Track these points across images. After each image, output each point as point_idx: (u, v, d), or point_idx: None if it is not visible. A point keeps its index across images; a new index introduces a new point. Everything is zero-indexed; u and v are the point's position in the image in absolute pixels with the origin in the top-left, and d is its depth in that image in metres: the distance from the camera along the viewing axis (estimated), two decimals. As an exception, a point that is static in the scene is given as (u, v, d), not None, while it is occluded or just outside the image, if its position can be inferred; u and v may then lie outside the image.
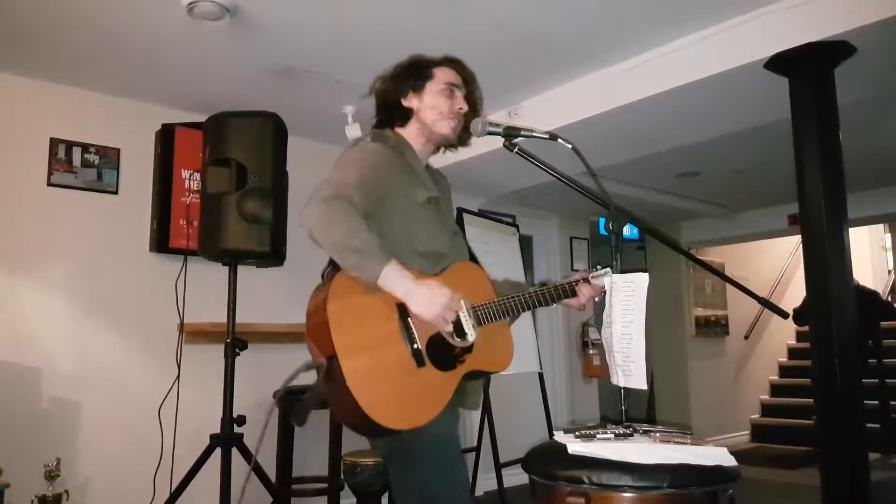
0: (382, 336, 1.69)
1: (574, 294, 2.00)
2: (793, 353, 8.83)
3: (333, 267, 1.81)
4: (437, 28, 3.11)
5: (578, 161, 1.79)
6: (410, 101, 2.02)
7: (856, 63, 2.92)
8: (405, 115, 2.03)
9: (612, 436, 1.58)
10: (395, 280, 1.66)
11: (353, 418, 1.64)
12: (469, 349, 1.80)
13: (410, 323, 1.71)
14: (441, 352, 1.74)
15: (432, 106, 2.01)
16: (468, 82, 2.10)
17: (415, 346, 1.70)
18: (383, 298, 1.68)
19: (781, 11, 2.92)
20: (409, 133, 2.04)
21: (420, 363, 1.70)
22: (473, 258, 2.05)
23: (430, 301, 1.68)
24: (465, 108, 2.05)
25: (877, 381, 6.79)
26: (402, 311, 1.71)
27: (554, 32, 3.20)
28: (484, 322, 1.85)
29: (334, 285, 1.68)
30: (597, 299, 2.04)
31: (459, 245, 2.02)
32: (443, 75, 2.04)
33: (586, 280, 2.00)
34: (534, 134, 1.91)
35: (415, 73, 2.04)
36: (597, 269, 2.02)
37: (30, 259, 3.53)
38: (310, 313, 1.73)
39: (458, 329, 1.77)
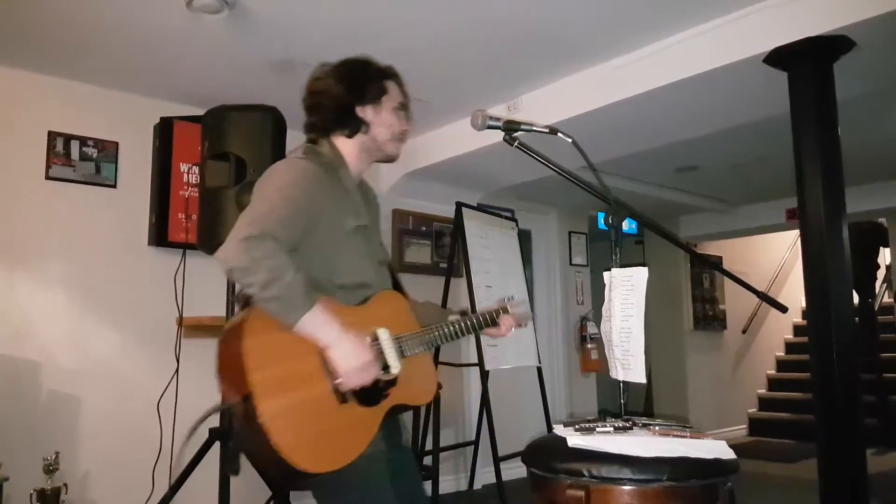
0: (303, 373, 1.60)
1: (495, 324, 2.04)
2: (790, 347, 8.86)
3: None
4: (437, 21, 3.11)
5: (578, 155, 1.79)
6: (366, 113, 1.86)
7: (855, 57, 2.91)
8: (356, 126, 1.86)
9: (612, 429, 1.58)
10: (318, 328, 1.59)
11: (270, 462, 1.54)
12: (393, 382, 1.75)
13: None
14: (365, 387, 1.66)
15: (388, 124, 1.89)
16: (407, 102, 1.98)
17: (337, 381, 1.62)
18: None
19: (780, 6, 2.91)
20: (350, 146, 1.88)
21: (342, 400, 1.63)
22: (398, 286, 1.98)
23: (349, 358, 1.61)
24: (409, 130, 1.96)
25: (874, 376, 6.82)
26: None
27: (553, 27, 3.19)
28: (408, 353, 1.80)
29: (251, 320, 1.58)
30: (520, 325, 2.10)
31: (384, 274, 1.93)
32: (394, 92, 1.93)
33: (506, 310, 2.06)
34: (534, 128, 1.89)
35: (373, 81, 1.89)
36: (512, 300, 2.12)
37: (28, 253, 3.53)
38: (222, 348, 1.62)
39: (382, 362, 1.72)
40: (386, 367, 1.73)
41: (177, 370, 3.55)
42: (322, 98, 1.87)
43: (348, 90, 1.86)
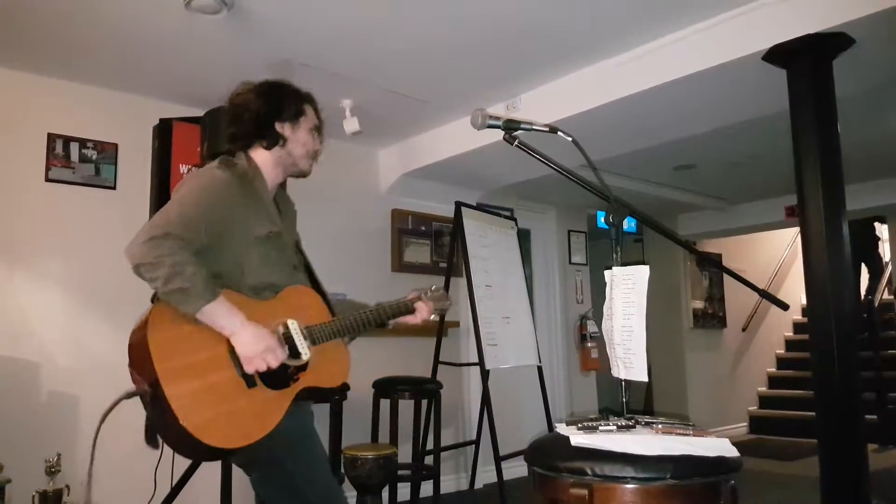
0: (209, 360, 1.73)
1: (411, 312, 2.19)
2: (790, 345, 8.86)
3: None
4: (436, 21, 3.10)
5: (577, 154, 1.78)
6: (284, 129, 2.01)
7: (854, 55, 2.92)
8: (273, 140, 2.01)
9: (615, 427, 1.58)
10: (220, 316, 1.72)
11: (182, 442, 1.68)
12: (303, 367, 1.87)
13: None
14: (274, 372, 1.80)
15: (303, 142, 2.04)
16: (321, 126, 2.14)
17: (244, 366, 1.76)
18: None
19: (780, 3, 2.92)
20: (267, 158, 2.02)
21: (251, 384, 1.77)
22: (317, 287, 2.10)
23: (252, 342, 1.74)
24: (321, 151, 2.11)
25: (874, 372, 6.83)
26: None
27: (552, 25, 3.19)
28: (319, 341, 1.93)
29: (154, 314, 1.72)
30: (433, 317, 2.24)
31: (298, 278, 2.04)
32: (311, 114, 2.08)
33: (419, 298, 2.21)
34: (534, 127, 1.89)
35: (293, 102, 2.05)
36: (432, 289, 2.27)
37: (28, 254, 3.53)
38: (131, 343, 1.74)
39: (293, 349, 1.86)
40: (297, 354, 1.86)
41: (177, 371, 3.54)
42: (243, 111, 2.01)
43: (268, 105, 2.00)
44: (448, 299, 2.33)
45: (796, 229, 6.74)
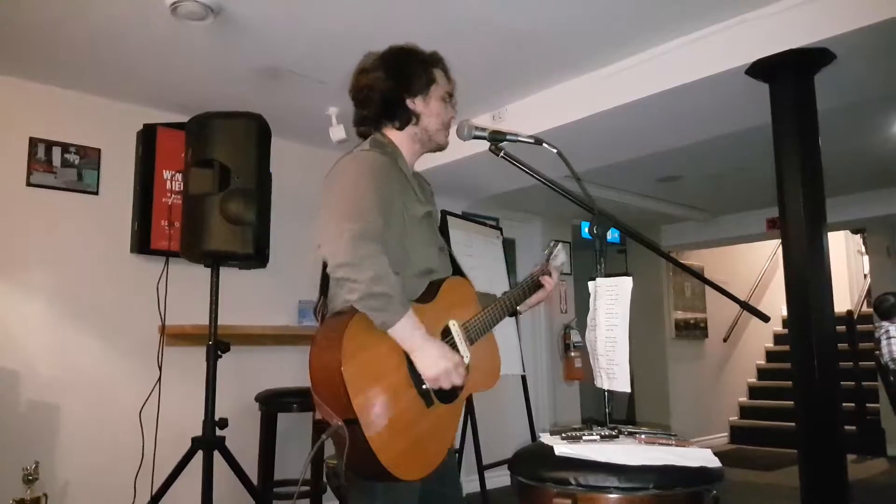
0: (395, 384, 1.61)
1: (540, 286, 2.09)
2: (770, 355, 8.94)
3: (325, 301, 1.77)
4: (423, 30, 3.11)
5: (562, 164, 1.81)
6: (416, 104, 1.89)
7: (835, 70, 2.96)
8: (406, 118, 1.89)
9: (598, 437, 1.59)
10: (409, 331, 1.60)
11: (368, 469, 1.57)
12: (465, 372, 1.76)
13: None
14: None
15: (436, 114, 1.91)
16: (453, 90, 2.01)
17: (423, 386, 1.65)
18: (392, 345, 1.61)
19: (763, 18, 2.96)
20: (402, 137, 1.91)
21: (429, 403, 1.66)
22: (458, 269, 1.98)
23: (435, 362, 1.62)
24: (455, 117, 1.99)
25: (853, 383, 6.90)
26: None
27: (539, 36, 3.21)
28: (475, 339, 1.82)
29: (346, 343, 1.54)
30: (561, 277, 2.07)
31: (445, 260, 1.94)
32: (441, 80, 1.94)
33: (543, 271, 2.12)
34: (519, 138, 1.91)
35: (422, 71, 1.90)
36: (550, 246, 2.15)
37: (8, 260, 3.48)
38: (319, 372, 1.59)
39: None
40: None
41: (159, 379, 3.50)
42: (371, 92, 1.88)
43: (397, 83, 1.87)
44: (559, 248, 2.19)
45: (777, 241, 6.82)
